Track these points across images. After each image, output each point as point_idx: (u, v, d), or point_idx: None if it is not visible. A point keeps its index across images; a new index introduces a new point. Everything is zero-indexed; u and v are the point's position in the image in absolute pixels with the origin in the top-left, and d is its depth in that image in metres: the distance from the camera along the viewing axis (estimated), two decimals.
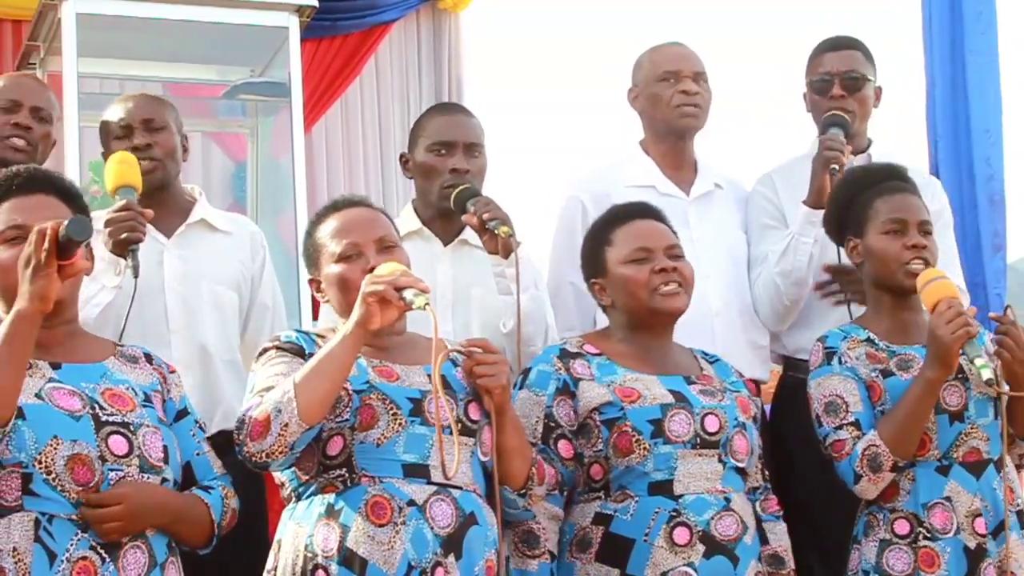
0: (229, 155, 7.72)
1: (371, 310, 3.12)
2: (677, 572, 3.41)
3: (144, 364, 3.28)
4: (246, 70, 6.76)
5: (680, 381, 3.60)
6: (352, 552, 3.09)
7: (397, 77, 8.66)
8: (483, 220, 3.86)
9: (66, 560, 2.91)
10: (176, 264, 4.02)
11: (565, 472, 3.55)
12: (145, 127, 4.05)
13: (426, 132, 4.16)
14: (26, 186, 3.19)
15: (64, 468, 2.95)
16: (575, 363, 3.61)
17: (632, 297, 3.64)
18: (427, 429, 3.21)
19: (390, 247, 3.37)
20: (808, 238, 4.28)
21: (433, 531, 3.13)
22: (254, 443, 3.08)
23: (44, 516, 2.94)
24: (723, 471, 3.52)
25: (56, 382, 3.06)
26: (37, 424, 2.96)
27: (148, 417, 3.11)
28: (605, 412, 3.53)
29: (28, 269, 2.87)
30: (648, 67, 4.51)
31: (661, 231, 3.72)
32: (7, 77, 4.43)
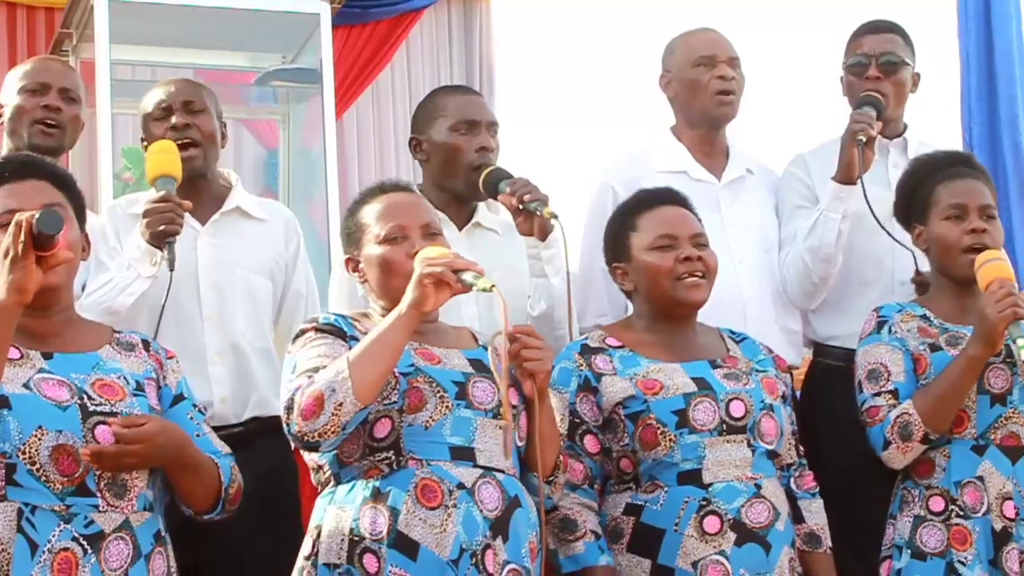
0: (261, 142, 7.74)
1: (426, 292, 3.12)
2: (708, 561, 3.40)
3: (140, 351, 3.27)
4: (278, 57, 6.77)
5: (704, 367, 3.59)
6: (404, 535, 3.09)
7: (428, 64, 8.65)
8: (522, 201, 3.84)
9: (47, 551, 2.90)
10: (210, 251, 4.01)
11: (594, 466, 3.55)
12: (185, 109, 4.04)
13: (447, 112, 4.12)
14: (20, 172, 3.19)
15: (48, 459, 2.94)
16: (596, 358, 3.61)
17: (655, 285, 3.63)
18: (472, 412, 3.21)
19: (434, 234, 3.38)
20: (836, 214, 4.26)
21: (482, 514, 3.14)
22: (307, 422, 3.08)
23: (27, 507, 2.93)
24: (753, 457, 3.50)
25: (46, 372, 3.05)
26: (23, 414, 2.95)
27: (138, 406, 3.09)
28: (629, 406, 3.52)
29: (7, 261, 2.86)
30: (682, 52, 4.48)
31: (687, 219, 3.70)
32: (34, 60, 4.43)
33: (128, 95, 6.12)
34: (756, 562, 3.42)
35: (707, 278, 3.62)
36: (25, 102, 4.12)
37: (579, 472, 3.52)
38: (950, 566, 3.65)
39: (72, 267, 3.15)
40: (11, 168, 3.20)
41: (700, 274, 3.60)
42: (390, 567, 3.09)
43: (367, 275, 3.42)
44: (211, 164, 4.10)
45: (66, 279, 3.13)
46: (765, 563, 3.43)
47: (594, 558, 3.45)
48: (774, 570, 3.44)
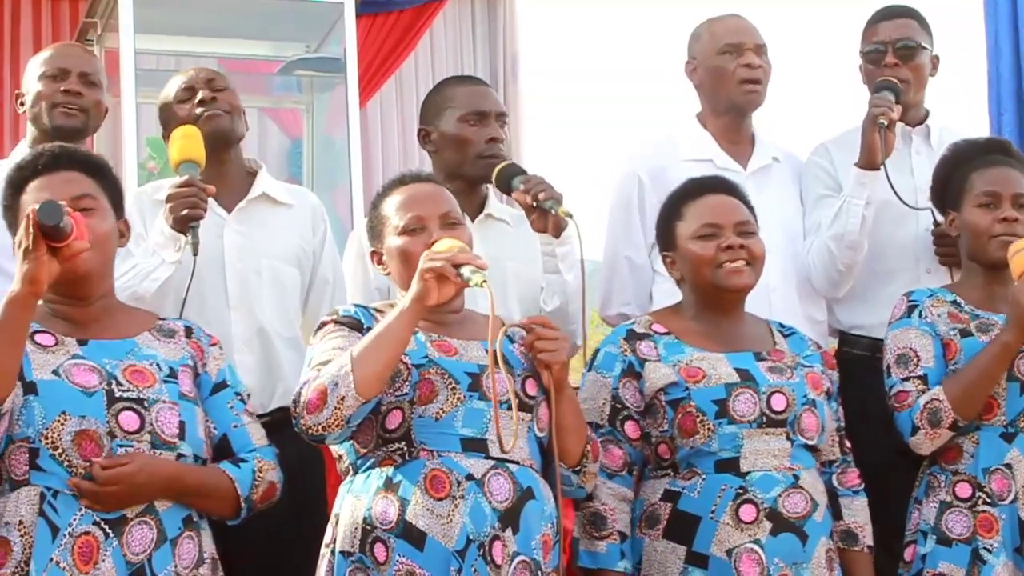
0: (284, 131, 7.75)
1: (428, 286, 3.11)
2: (742, 549, 3.39)
3: (180, 338, 3.27)
4: (301, 46, 6.78)
5: (749, 358, 3.57)
6: (411, 525, 3.10)
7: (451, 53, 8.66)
8: (537, 199, 3.82)
9: (68, 535, 2.93)
10: (236, 240, 4.00)
11: (633, 452, 3.55)
12: (208, 86, 4.04)
13: (455, 103, 4.11)
14: (52, 163, 3.20)
15: (71, 443, 2.97)
16: (641, 344, 3.59)
17: (698, 273, 3.61)
18: (485, 404, 3.20)
19: (454, 223, 3.37)
20: (860, 200, 4.23)
21: (491, 505, 3.13)
22: (311, 416, 3.09)
23: (49, 491, 2.96)
24: (791, 449, 3.49)
25: (79, 358, 3.07)
26: (48, 400, 2.98)
27: (167, 393, 3.10)
28: (670, 393, 3.51)
29: (19, 253, 2.88)
30: (708, 39, 4.45)
31: (733, 207, 3.67)
32: (53, 47, 4.43)
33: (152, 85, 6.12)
34: (792, 552, 3.40)
35: (752, 265, 3.59)
36: (45, 88, 4.11)
37: (618, 458, 3.53)
38: (975, 553, 3.63)
39: (106, 255, 3.16)
40: (43, 160, 3.21)
41: (743, 262, 3.57)
42: (398, 557, 3.10)
43: (389, 267, 3.42)
44: (237, 135, 4.10)
45: (97, 267, 3.13)
46: (801, 553, 3.41)
47: (613, 562, 3.47)
48: (811, 560, 3.42)
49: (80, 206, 3.08)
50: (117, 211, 3.25)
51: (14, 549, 2.92)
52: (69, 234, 2.87)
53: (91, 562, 2.92)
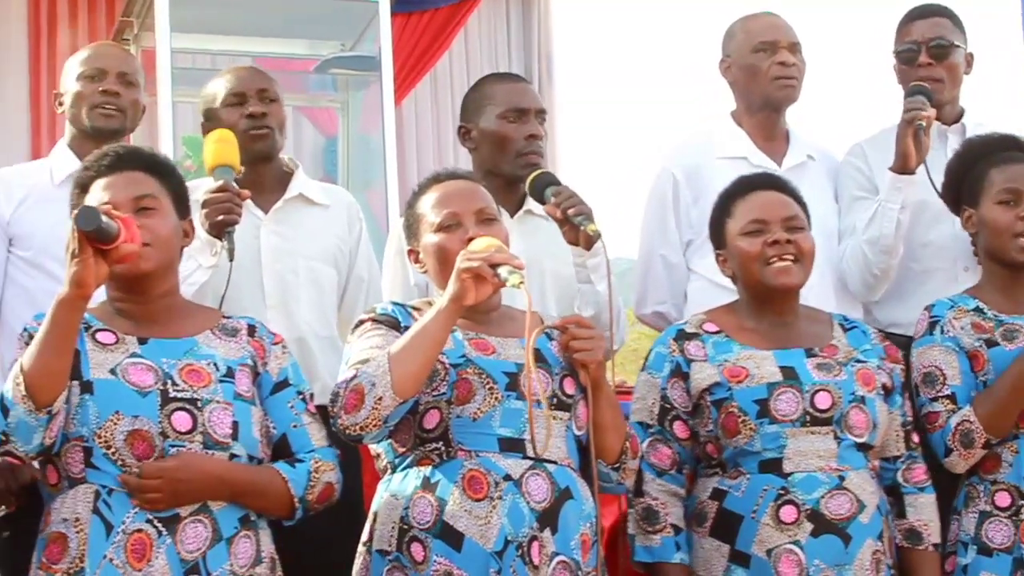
0: (320, 129, 7.78)
1: (465, 286, 3.11)
2: (782, 550, 3.38)
3: (243, 337, 3.28)
4: (337, 44, 6.80)
5: (798, 355, 3.55)
6: (449, 526, 3.11)
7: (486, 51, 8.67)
8: (567, 215, 3.81)
9: (122, 532, 2.95)
10: (273, 240, 4.01)
11: (682, 451, 3.55)
12: (260, 96, 4.05)
13: (495, 100, 4.11)
14: (115, 164, 3.22)
15: (124, 443, 2.98)
16: (689, 344, 3.60)
17: (746, 270, 3.60)
18: (523, 403, 3.20)
19: (489, 220, 3.37)
20: (895, 204, 4.21)
21: (529, 506, 3.13)
22: (348, 416, 3.09)
23: (104, 488, 2.98)
24: (838, 449, 3.47)
25: (137, 357, 3.09)
26: (102, 400, 3.00)
27: (222, 393, 3.11)
28: (715, 393, 3.52)
29: (67, 256, 2.90)
30: (742, 37, 4.44)
31: (780, 202, 3.65)
32: (91, 46, 4.44)
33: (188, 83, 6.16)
34: (833, 554, 3.39)
35: (800, 261, 3.57)
36: (83, 88, 4.12)
37: (667, 457, 3.54)
38: (1018, 562, 3.60)
39: (167, 254, 3.18)
40: (108, 160, 3.23)
41: (791, 257, 3.56)
42: (435, 557, 3.10)
43: (427, 265, 3.42)
44: (278, 151, 4.11)
45: (159, 265, 3.15)
46: (844, 555, 3.39)
47: (669, 554, 3.47)
48: (853, 563, 3.40)
49: (141, 206, 3.11)
50: (181, 211, 3.27)
51: (70, 545, 2.95)
52: (116, 236, 2.89)
53: (144, 559, 2.93)
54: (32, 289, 3.96)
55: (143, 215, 3.07)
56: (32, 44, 7.83)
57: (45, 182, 4.07)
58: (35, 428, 2.89)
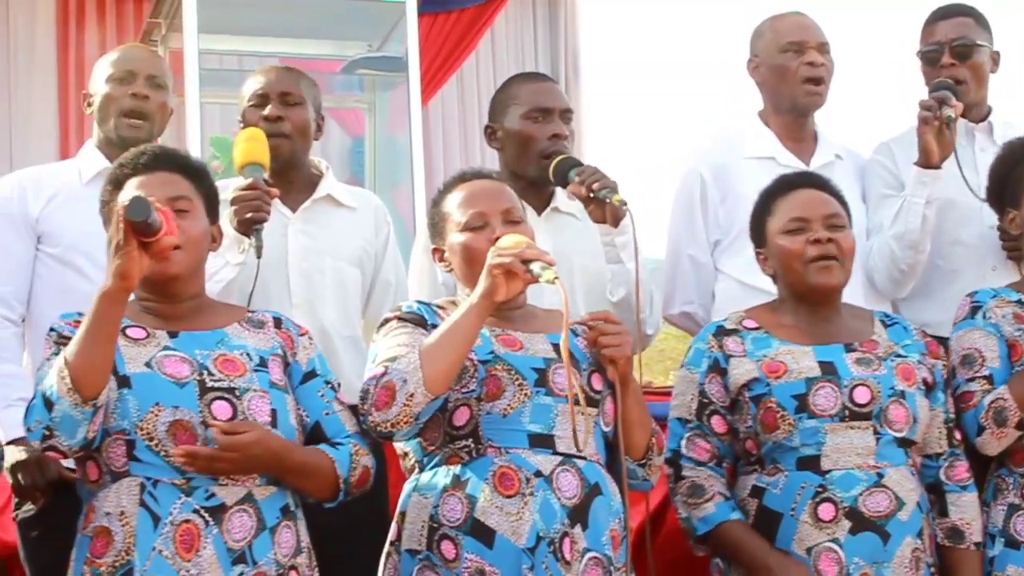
0: (347, 130, 7.79)
1: (497, 282, 3.12)
2: (821, 548, 3.38)
3: (270, 328, 3.30)
4: (364, 45, 6.80)
5: (838, 350, 3.55)
6: (480, 523, 3.11)
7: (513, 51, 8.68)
8: (592, 190, 3.82)
9: (169, 523, 2.96)
10: (300, 239, 4.02)
11: (721, 446, 3.56)
12: (280, 100, 4.06)
13: (519, 100, 4.10)
14: (150, 164, 3.24)
15: (166, 434, 3.00)
16: (728, 340, 3.59)
17: (787, 269, 3.60)
18: (552, 399, 3.21)
19: (516, 220, 3.37)
20: (920, 199, 4.20)
21: (560, 502, 3.13)
22: (379, 412, 3.10)
23: (149, 480, 2.99)
24: (877, 445, 3.46)
25: (170, 350, 3.11)
26: (141, 392, 3.02)
27: (258, 382, 3.13)
28: (753, 388, 3.51)
29: (111, 249, 2.92)
30: (770, 37, 4.44)
31: (821, 200, 3.64)
32: (120, 48, 4.45)
33: (216, 84, 6.19)
34: (872, 551, 3.38)
35: (841, 261, 3.57)
36: (112, 90, 4.13)
37: (705, 451, 3.54)
38: None
39: (196, 257, 3.20)
40: (144, 159, 3.25)
41: (832, 257, 3.55)
42: (466, 554, 3.10)
43: (452, 264, 3.43)
44: (301, 155, 4.11)
45: (188, 268, 3.17)
46: (882, 553, 3.38)
47: (725, 514, 3.47)
48: (892, 560, 3.39)
49: (175, 207, 3.11)
50: (212, 215, 3.29)
51: (115, 539, 2.97)
52: (159, 230, 2.91)
53: (193, 549, 2.95)
54: (60, 286, 3.97)
55: (176, 216, 3.07)
56: (60, 45, 7.88)
57: (73, 181, 4.08)
58: (80, 421, 2.90)
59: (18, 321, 4.00)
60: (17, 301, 4.00)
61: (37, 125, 7.82)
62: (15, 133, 7.79)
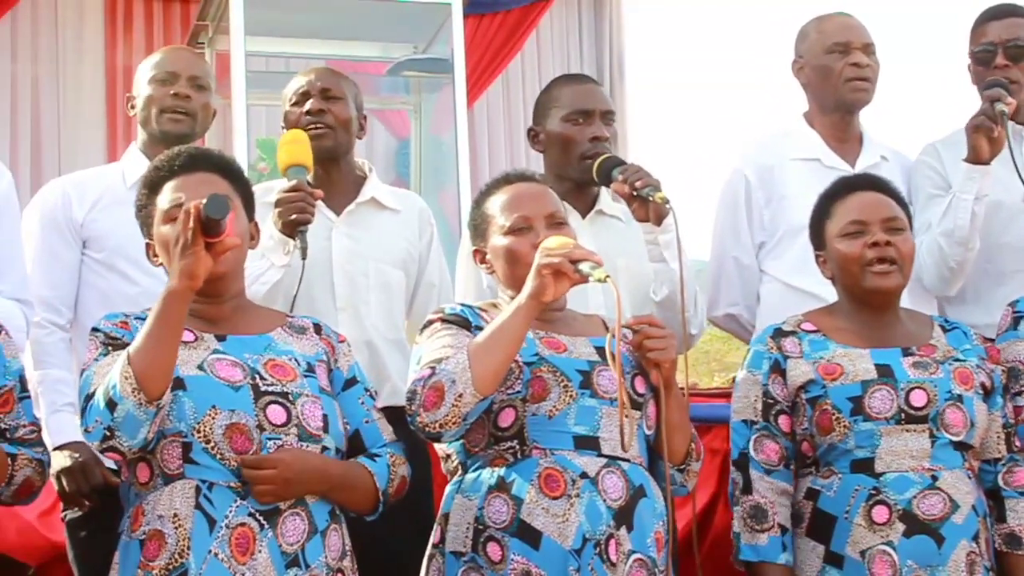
0: (392, 132, 7.81)
1: (545, 282, 3.11)
2: (875, 551, 3.36)
3: (312, 334, 3.31)
4: (409, 47, 6.81)
5: (895, 354, 3.53)
6: (527, 524, 3.11)
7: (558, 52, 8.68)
8: (635, 188, 3.81)
9: (225, 526, 2.96)
10: (344, 242, 4.02)
11: (789, 446, 3.54)
12: (321, 95, 4.06)
13: (560, 103, 4.09)
14: (188, 165, 3.24)
15: (222, 437, 3.00)
16: (786, 341, 3.58)
17: (846, 272, 3.58)
18: (597, 401, 3.21)
19: (560, 223, 3.37)
20: (969, 195, 4.16)
21: (606, 503, 3.13)
22: (428, 413, 3.10)
23: (204, 483, 2.99)
24: (932, 448, 3.43)
25: (220, 353, 3.11)
26: (197, 395, 3.01)
27: (308, 387, 3.13)
28: (809, 390, 3.50)
29: (177, 248, 2.91)
30: (815, 38, 4.42)
31: (880, 203, 3.62)
32: (163, 50, 4.46)
33: (262, 86, 6.21)
34: (926, 555, 3.36)
35: (899, 265, 3.54)
36: (155, 91, 4.15)
37: (775, 452, 3.52)
38: None
39: (239, 256, 3.20)
40: (180, 161, 3.25)
41: (891, 260, 3.53)
42: (513, 556, 3.10)
43: (494, 266, 3.43)
44: (344, 150, 4.11)
45: (233, 267, 3.17)
46: (936, 556, 3.36)
47: (775, 554, 3.45)
48: (947, 563, 3.36)
49: None
50: (248, 214, 3.29)
51: (168, 541, 2.96)
52: (223, 230, 2.91)
53: (248, 553, 2.96)
54: (106, 290, 4.00)
55: None
56: (108, 49, 7.93)
57: (117, 185, 4.10)
58: (143, 422, 2.90)
59: (65, 326, 4.03)
60: (64, 306, 4.03)
61: (85, 128, 7.87)
62: (63, 135, 7.85)
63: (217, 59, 6.29)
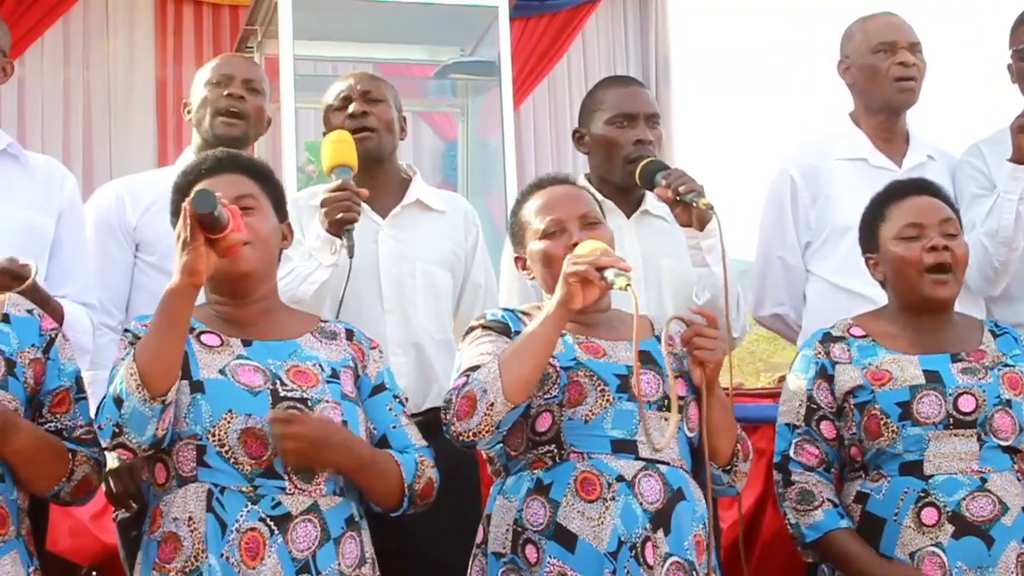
0: (439, 134, 7.82)
1: (573, 290, 3.11)
2: (924, 552, 3.35)
3: (342, 340, 3.30)
4: (456, 50, 6.81)
5: (944, 360, 3.50)
6: (562, 527, 3.10)
7: (604, 55, 8.68)
8: (678, 193, 3.80)
9: (235, 530, 2.96)
10: (391, 245, 4.02)
11: (830, 452, 3.52)
12: (363, 98, 4.07)
13: (604, 105, 4.07)
14: (215, 167, 3.25)
15: (237, 441, 3.00)
16: (835, 347, 3.57)
17: (901, 276, 3.56)
18: (634, 405, 3.19)
19: (593, 223, 3.36)
20: (1014, 195, 4.16)
21: (642, 507, 3.12)
22: (461, 422, 3.11)
23: (216, 487, 2.99)
24: (980, 450, 3.41)
25: (244, 359, 3.11)
26: (215, 398, 3.02)
27: (330, 393, 3.12)
28: (858, 395, 3.48)
29: (178, 245, 2.92)
30: (861, 38, 4.40)
31: (936, 207, 3.59)
32: (219, 57, 4.51)
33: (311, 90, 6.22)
34: (976, 556, 3.34)
35: (955, 271, 3.53)
36: (209, 93, 4.18)
37: (814, 456, 3.51)
38: None
39: (265, 255, 3.19)
40: (207, 164, 3.27)
41: (947, 268, 3.50)
42: (549, 558, 3.10)
43: (533, 271, 3.42)
44: (387, 151, 4.11)
45: (257, 267, 3.16)
46: (987, 557, 3.34)
47: (834, 522, 3.44)
48: (997, 565, 3.34)
49: (241, 205, 3.10)
50: (280, 214, 3.29)
51: (184, 544, 2.97)
52: (226, 225, 2.91)
53: (258, 557, 2.95)
54: (156, 292, 3.95)
55: (243, 214, 3.06)
56: (158, 54, 7.99)
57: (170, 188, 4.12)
58: (149, 419, 2.91)
59: (117, 328, 4.06)
60: (116, 308, 4.06)
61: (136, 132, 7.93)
62: (114, 139, 7.91)
63: (266, 63, 6.31)
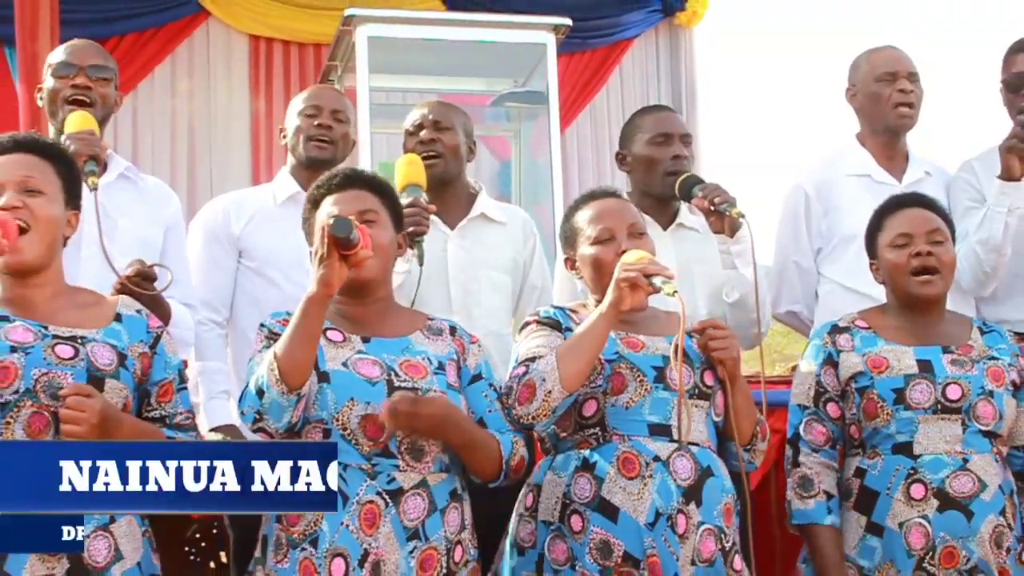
0: (495, 155, 7.84)
1: (623, 294, 3.13)
2: (912, 523, 3.36)
3: (447, 336, 3.32)
4: (510, 81, 6.83)
5: (936, 352, 3.50)
6: (606, 500, 3.14)
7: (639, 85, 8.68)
8: (713, 203, 3.81)
9: (356, 503, 3.00)
10: (459, 254, 4.05)
11: (835, 430, 3.53)
12: (433, 127, 4.10)
13: (644, 128, 4.09)
14: (344, 183, 3.28)
15: (358, 426, 3.03)
16: (840, 337, 3.57)
17: (893, 279, 3.57)
18: (669, 394, 3.21)
19: (640, 233, 3.38)
20: (1002, 208, 4.14)
21: (676, 483, 3.15)
22: (522, 407, 3.15)
23: (340, 465, 2.98)
24: (964, 434, 3.41)
25: (363, 353, 3.14)
26: (339, 388, 3.05)
27: (437, 383, 3.15)
28: (859, 381, 3.49)
29: (315, 260, 2.97)
30: (866, 68, 4.40)
31: (924, 218, 3.59)
32: (311, 89, 4.54)
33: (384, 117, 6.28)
34: (957, 527, 3.35)
35: (940, 272, 3.53)
36: (302, 122, 4.23)
37: (821, 435, 3.51)
38: None
39: (384, 263, 3.23)
40: (337, 180, 3.30)
41: (933, 270, 3.50)
42: (592, 527, 3.13)
43: (582, 272, 3.44)
44: (453, 174, 4.13)
45: (377, 274, 3.20)
46: (966, 529, 3.34)
47: (820, 517, 3.44)
48: (976, 535, 3.34)
49: (365, 219, 3.15)
50: (397, 226, 3.32)
51: (306, 513, 3.00)
52: (356, 244, 2.95)
53: (374, 526, 2.99)
54: (255, 293, 4.06)
55: (367, 227, 3.10)
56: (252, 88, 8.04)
57: (269, 203, 4.18)
58: (286, 408, 2.95)
59: (223, 323, 4.10)
60: (222, 306, 4.11)
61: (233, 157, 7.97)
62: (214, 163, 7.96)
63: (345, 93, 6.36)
